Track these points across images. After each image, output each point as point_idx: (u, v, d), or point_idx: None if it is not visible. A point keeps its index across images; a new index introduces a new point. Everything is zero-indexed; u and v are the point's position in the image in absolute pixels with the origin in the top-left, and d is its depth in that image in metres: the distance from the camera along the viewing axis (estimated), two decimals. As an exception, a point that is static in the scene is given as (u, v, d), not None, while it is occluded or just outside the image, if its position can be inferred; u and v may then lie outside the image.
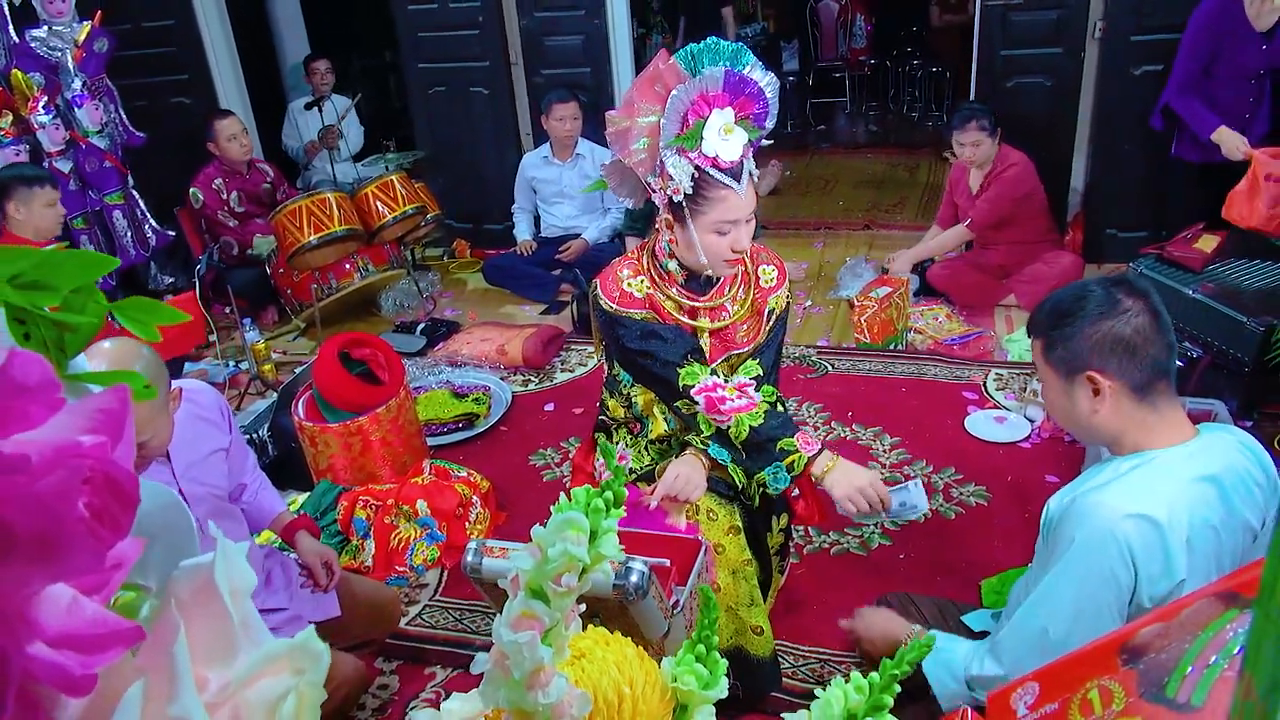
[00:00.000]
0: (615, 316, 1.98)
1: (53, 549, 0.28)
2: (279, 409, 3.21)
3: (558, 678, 0.62)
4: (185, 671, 0.32)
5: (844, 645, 2.28)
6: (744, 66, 1.81)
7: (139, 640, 0.30)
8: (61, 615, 0.29)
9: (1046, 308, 1.52)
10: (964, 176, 4.16)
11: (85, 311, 0.36)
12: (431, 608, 2.56)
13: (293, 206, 4.17)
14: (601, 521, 0.64)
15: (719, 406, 1.90)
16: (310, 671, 0.36)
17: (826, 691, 0.67)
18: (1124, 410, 1.45)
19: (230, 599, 0.35)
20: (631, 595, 1.51)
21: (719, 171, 1.80)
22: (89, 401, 0.31)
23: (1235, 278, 3.16)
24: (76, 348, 0.36)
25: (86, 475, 0.29)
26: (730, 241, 1.87)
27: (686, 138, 1.80)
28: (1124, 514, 1.36)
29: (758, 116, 1.83)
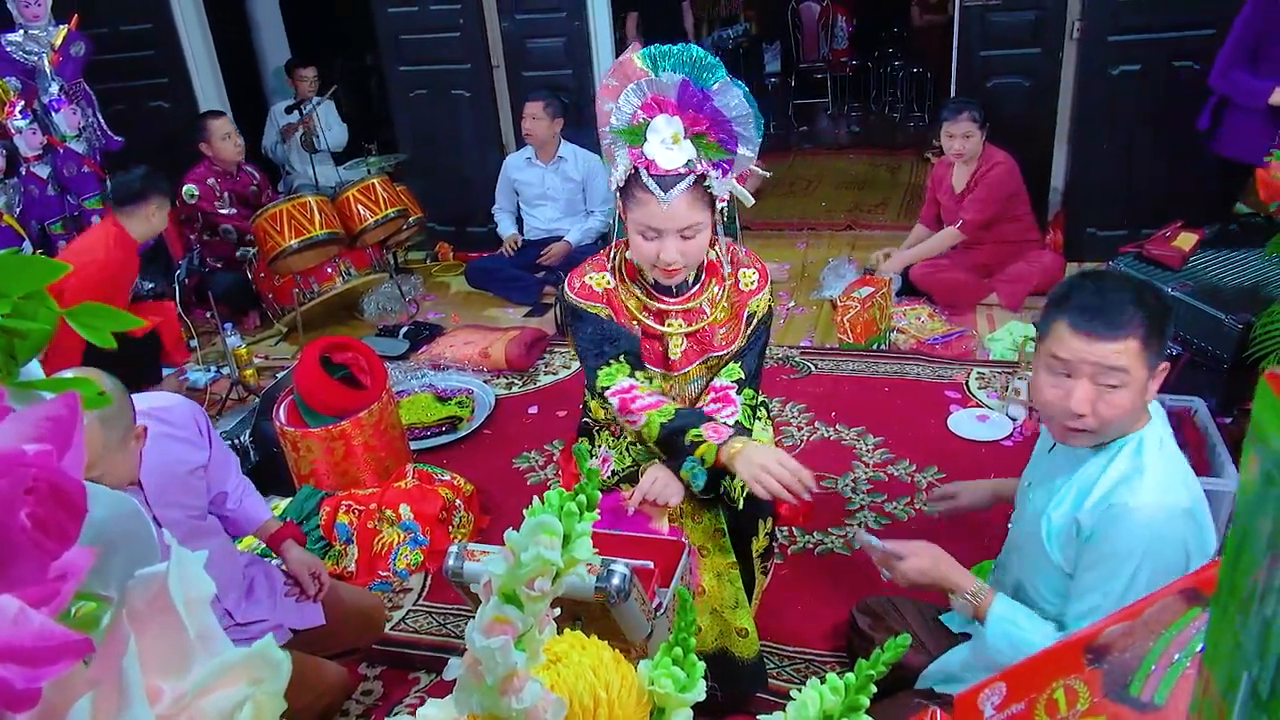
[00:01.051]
0: (573, 307, 2.00)
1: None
2: (261, 414, 3.19)
3: (531, 682, 0.62)
4: (135, 683, 0.31)
5: (828, 645, 2.29)
6: (711, 83, 1.77)
7: (88, 653, 0.30)
8: (7, 628, 0.28)
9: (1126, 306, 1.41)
10: (947, 175, 4.16)
11: (36, 318, 0.35)
12: (415, 613, 2.55)
13: (273, 210, 4.14)
14: (575, 525, 0.64)
15: (630, 406, 1.90)
16: (269, 681, 0.35)
17: (803, 692, 0.67)
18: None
19: (185, 609, 0.34)
20: (614, 598, 1.51)
21: (649, 176, 1.79)
22: (37, 410, 0.31)
23: (1214, 275, 3.19)
24: (27, 354, 0.35)
25: (30, 485, 0.28)
26: (657, 249, 1.84)
27: (630, 133, 1.81)
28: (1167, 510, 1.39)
29: (723, 140, 1.81)
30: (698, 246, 1.87)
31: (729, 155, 1.83)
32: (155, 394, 2.13)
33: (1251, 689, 0.23)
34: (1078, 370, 1.43)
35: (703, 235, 1.87)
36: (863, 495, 2.85)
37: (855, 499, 2.83)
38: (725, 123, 1.79)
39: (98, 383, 0.38)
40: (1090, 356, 1.41)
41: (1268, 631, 0.22)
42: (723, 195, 1.87)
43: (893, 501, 2.81)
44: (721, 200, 1.87)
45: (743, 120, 1.80)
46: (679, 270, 1.89)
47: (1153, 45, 4.05)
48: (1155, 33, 4.03)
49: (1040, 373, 1.50)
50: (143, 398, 2.05)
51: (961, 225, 4.06)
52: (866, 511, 2.77)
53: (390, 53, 5.10)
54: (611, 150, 1.89)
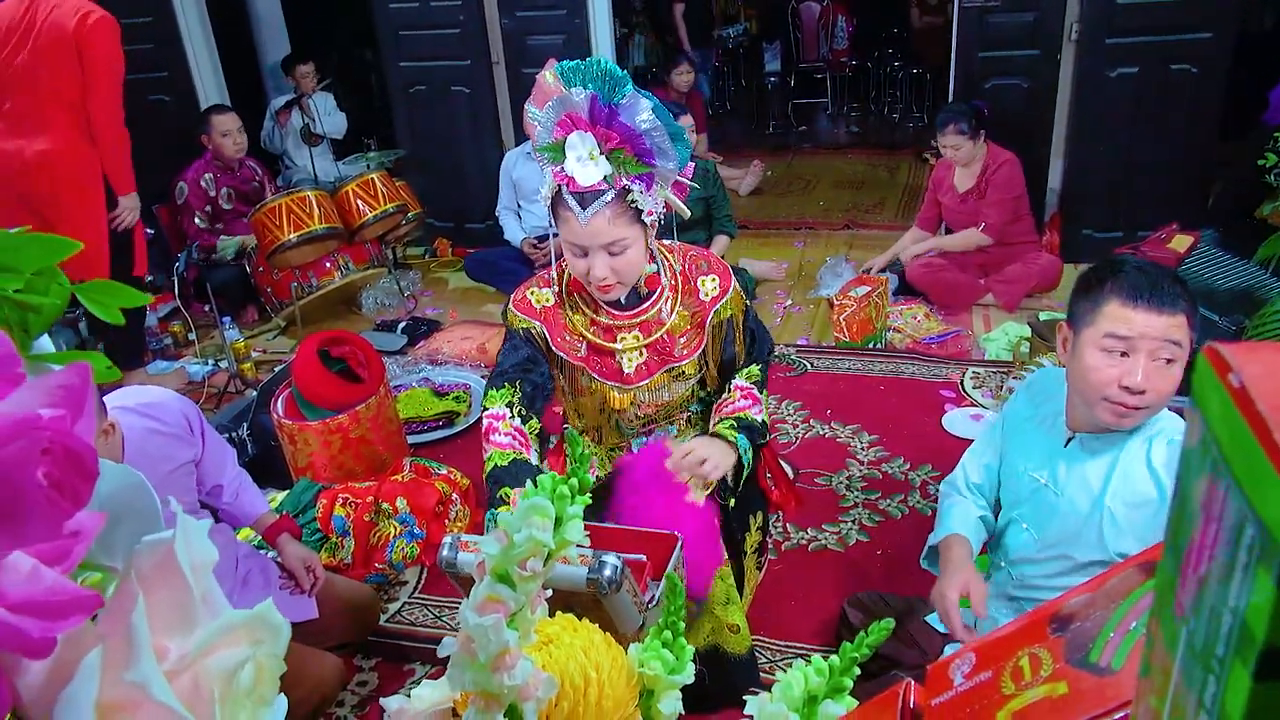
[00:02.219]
0: (507, 323, 2.02)
1: (12, 517, 0.29)
2: (258, 407, 3.21)
3: (523, 660, 0.63)
4: (143, 639, 0.33)
5: (821, 641, 2.31)
6: (619, 98, 1.75)
7: (97, 607, 0.31)
8: (22, 583, 0.30)
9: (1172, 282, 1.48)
10: (948, 176, 4.17)
11: (48, 293, 0.37)
12: (411, 605, 2.56)
13: (272, 204, 4.15)
14: (567, 508, 0.65)
15: (489, 435, 1.92)
16: (268, 643, 0.37)
17: (787, 674, 0.68)
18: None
19: (191, 572, 0.36)
20: (605, 589, 1.52)
21: (568, 193, 1.80)
22: (49, 378, 0.32)
23: (1208, 277, 3.21)
24: (39, 328, 0.37)
25: (45, 446, 0.30)
26: (588, 266, 1.85)
27: (552, 150, 1.81)
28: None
29: (639, 154, 1.79)
30: (629, 263, 1.86)
31: (648, 169, 1.82)
32: (146, 389, 2.14)
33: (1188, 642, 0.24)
34: (1137, 347, 1.45)
35: (633, 251, 1.85)
36: (857, 493, 2.87)
37: (849, 496, 2.85)
38: (636, 137, 1.77)
39: (105, 359, 0.39)
40: (1152, 331, 1.44)
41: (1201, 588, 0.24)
42: (651, 208, 1.85)
43: (886, 499, 2.82)
44: (650, 214, 1.85)
45: (654, 133, 1.77)
46: (613, 287, 1.88)
47: (1150, 48, 4.08)
48: (1152, 36, 4.05)
49: (1092, 355, 1.49)
50: (132, 393, 2.05)
51: (985, 228, 4.05)
52: (860, 509, 2.79)
53: (390, 48, 5.12)
54: (541, 168, 1.90)
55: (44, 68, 3.24)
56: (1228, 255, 3.29)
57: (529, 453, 1.93)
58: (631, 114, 1.75)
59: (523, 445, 1.93)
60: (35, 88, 3.27)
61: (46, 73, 3.24)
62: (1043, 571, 1.68)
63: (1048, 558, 1.66)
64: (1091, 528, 1.56)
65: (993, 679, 0.41)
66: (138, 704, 0.32)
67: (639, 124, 1.76)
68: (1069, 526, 1.60)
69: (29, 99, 3.28)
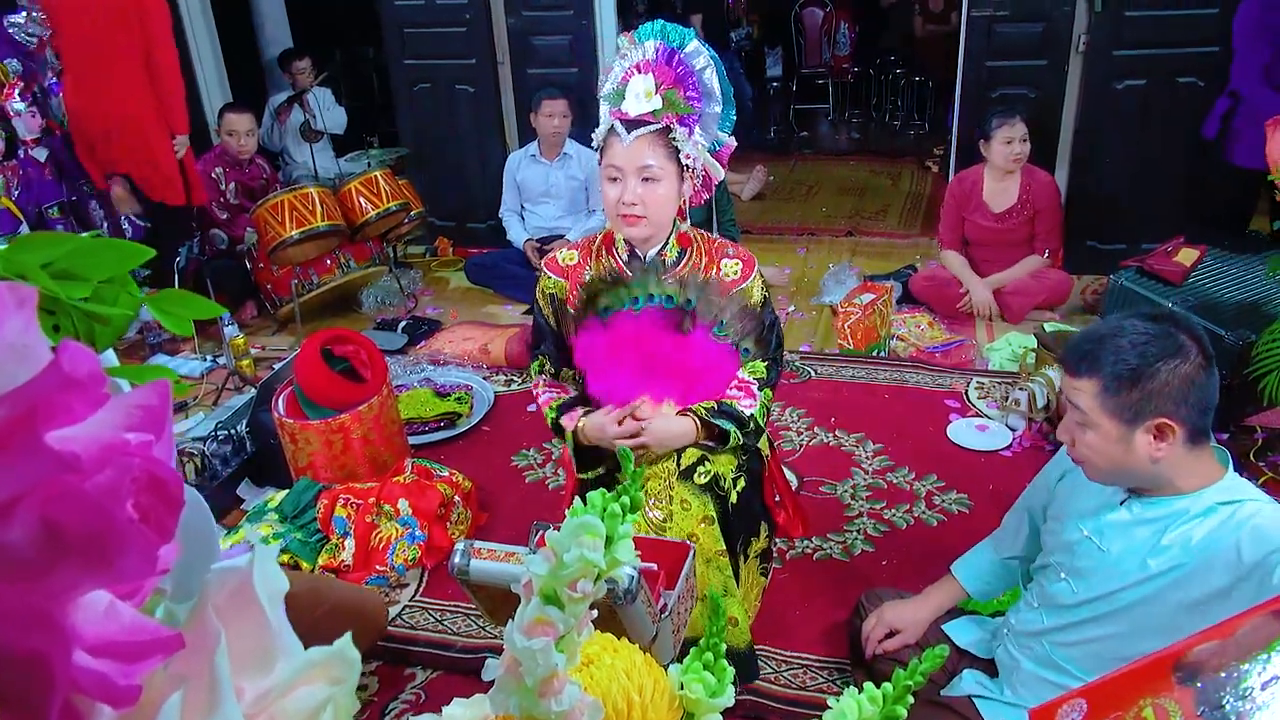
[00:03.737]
0: (539, 283, 2.20)
1: (104, 552, 0.26)
2: (258, 405, 3.17)
3: (570, 685, 0.61)
4: (226, 681, 0.30)
5: (826, 650, 2.28)
6: (678, 44, 1.99)
7: (179, 649, 0.29)
8: (99, 621, 0.28)
9: (1098, 349, 1.42)
10: (974, 192, 4.02)
11: (117, 303, 0.34)
12: (412, 608, 2.53)
13: (274, 200, 4.12)
14: (618, 527, 0.63)
15: (538, 397, 2.20)
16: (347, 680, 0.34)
17: (840, 701, 0.66)
18: (1179, 454, 1.41)
19: (268, 605, 0.33)
20: (621, 599, 1.50)
21: (619, 123, 1.99)
22: (127, 398, 0.30)
23: (1215, 291, 3.20)
24: (107, 341, 0.34)
25: (134, 474, 0.27)
26: (619, 191, 2.00)
27: (614, 94, 2.02)
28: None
29: (689, 96, 2.00)
30: (658, 197, 2.00)
31: (693, 109, 2.01)
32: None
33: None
34: (1065, 404, 1.50)
35: (665, 185, 1.99)
36: (861, 502, 2.85)
37: (854, 505, 2.83)
38: (690, 76, 1.99)
39: (175, 373, 0.37)
40: (1064, 387, 1.49)
41: None
42: (690, 153, 2.01)
43: (891, 509, 2.81)
44: (689, 159, 2.01)
45: (707, 75, 2.00)
46: (640, 220, 2.00)
47: (1157, 61, 4.07)
48: (1160, 48, 4.05)
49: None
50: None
51: (1049, 254, 3.97)
52: (865, 518, 2.77)
53: (395, 46, 5.08)
54: (601, 110, 2.10)
55: (110, 32, 3.81)
56: (1236, 268, 3.28)
57: (569, 391, 2.18)
58: (691, 57, 2.00)
59: (562, 391, 2.18)
60: (100, 51, 3.82)
61: (111, 36, 3.80)
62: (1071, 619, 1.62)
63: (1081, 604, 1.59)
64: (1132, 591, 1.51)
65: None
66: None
67: (696, 65, 1.99)
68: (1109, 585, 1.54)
69: (97, 61, 3.84)
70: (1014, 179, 3.94)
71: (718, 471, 2.04)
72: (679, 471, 2.02)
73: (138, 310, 0.35)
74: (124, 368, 0.34)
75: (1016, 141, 3.82)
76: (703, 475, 2.01)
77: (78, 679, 0.26)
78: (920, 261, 4.71)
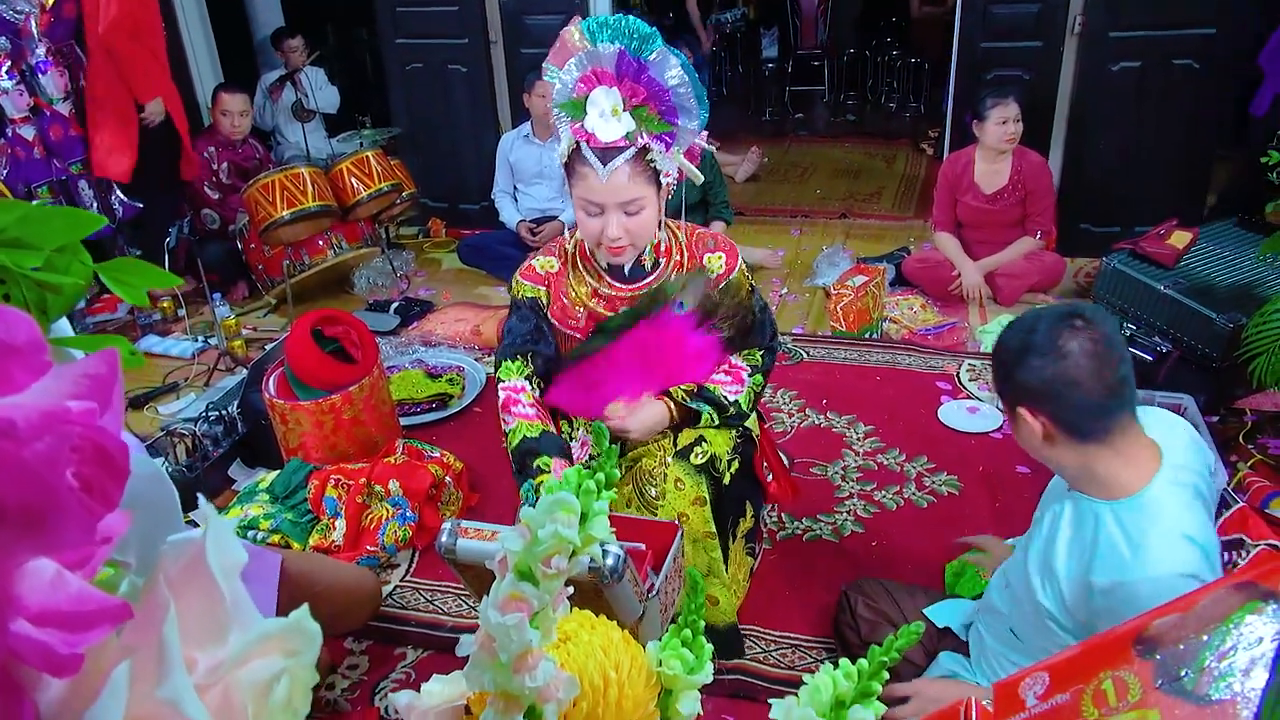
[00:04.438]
0: (513, 293, 2.04)
1: (41, 521, 0.26)
2: (249, 386, 3.16)
3: (545, 661, 0.61)
4: (175, 652, 0.30)
5: (815, 630, 2.30)
6: (648, 53, 1.75)
7: (126, 618, 0.29)
8: (44, 591, 0.27)
9: (1000, 337, 1.49)
10: (966, 173, 4.00)
11: (70, 272, 0.34)
12: (403, 588, 2.54)
13: (265, 180, 4.10)
14: (593, 504, 0.63)
15: (510, 407, 1.94)
16: (304, 653, 0.34)
17: (815, 677, 0.67)
18: (1072, 450, 1.42)
19: (222, 577, 0.33)
20: (607, 578, 1.51)
21: (588, 149, 1.79)
22: (75, 367, 0.30)
23: (1207, 274, 3.20)
24: (59, 310, 0.34)
25: (75, 443, 0.27)
26: (600, 226, 1.84)
27: (571, 106, 1.81)
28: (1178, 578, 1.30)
29: (663, 112, 1.79)
30: (642, 224, 1.87)
31: (670, 127, 1.82)
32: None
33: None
34: None
35: (648, 212, 1.86)
36: (852, 483, 2.85)
37: (844, 487, 2.84)
38: (663, 93, 1.77)
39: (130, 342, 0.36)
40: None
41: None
42: (669, 170, 1.86)
43: (881, 490, 2.81)
44: (668, 176, 1.86)
45: (682, 90, 1.78)
46: (625, 249, 1.89)
47: (1153, 43, 4.05)
48: (1156, 30, 4.03)
49: None
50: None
51: (1041, 235, 3.95)
52: (855, 499, 2.78)
53: (387, 25, 5.05)
54: (557, 127, 1.89)
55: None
56: (1227, 252, 3.29)
57: (553, 426, 1.96)
58: (661, 70, 1.75)
59: (545, 418, 1.95)
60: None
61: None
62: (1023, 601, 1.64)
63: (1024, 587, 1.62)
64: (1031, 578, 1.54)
65: (1072, 702, 0.39)
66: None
67: (668, 80, 1.76)
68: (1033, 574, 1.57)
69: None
70: (1005, 160, 3.92)
71: (714, 452, 2.02)
72: (675, 451, 2.01)
73: (89, 279, 0.35)
74: (75, 338, 0.34)
75: (1010, 122, 3.80)
76: (699, 456, 1.99)
77: (16, 647, 0.26)
78: (914, 244, 4.71)
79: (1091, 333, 1.37)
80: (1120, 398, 1.38)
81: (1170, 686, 0.35)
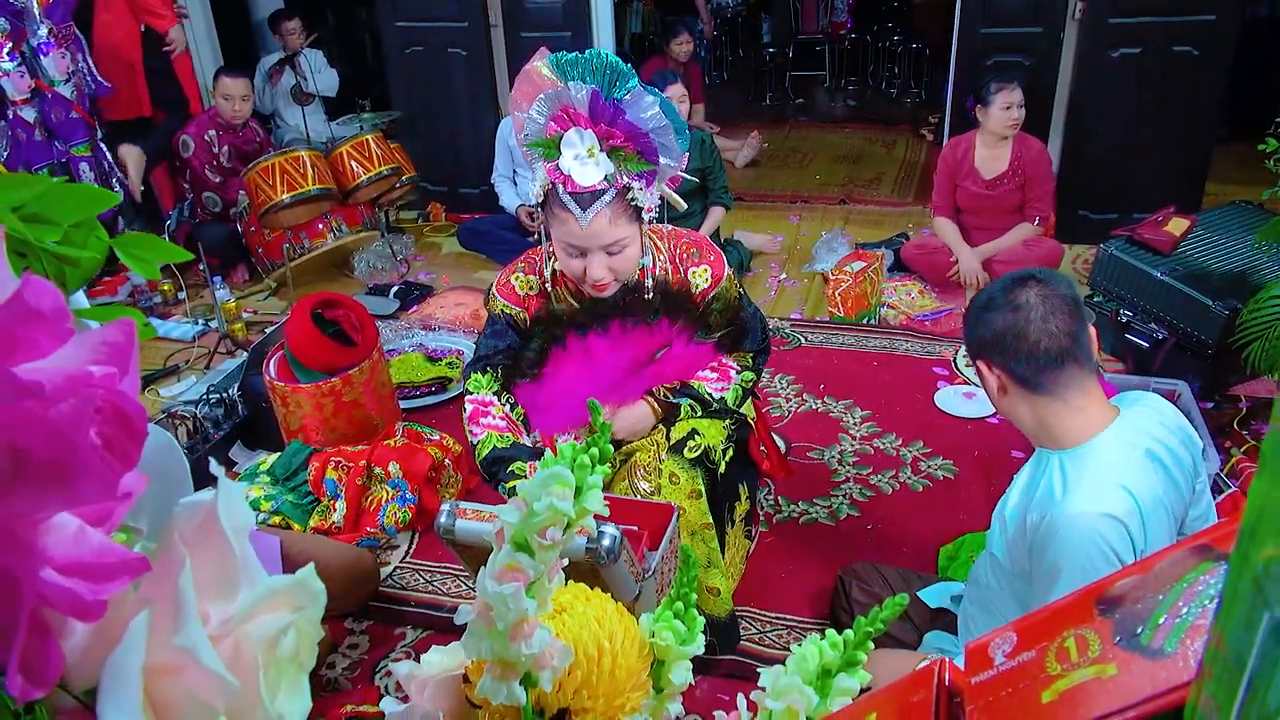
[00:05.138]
0: (489, 308, 2.00)
1: (65, 476, 0.28)
2: (249, 368, 3.18)
3: (541, 629, 0.63)
4: (190, 603, 0.32)
5: (811, 612, 2.32)
6: (623, 94, 1.67)
7: (145, 570, 0.31)
8: (69, 544, 0.29)
9: (970, 300, 1.57)
10: (966, 159, 4.00)
11: (87, 246, 0.36)
12: (403, 570, 2.57)
13: (266, 164, 4.10)
14: (587, 477, 0.65)
15: (478, 419, 1.92)
16: (309, 609, 0.36)
17: (802, 647, 0.69)
18: (1024, 401, 1.47)
19: (233, 536, 0.35)
20: (604, 558, 1.53)
21: (565, 193, 1.72)
22: (94, 334, 0.31)
23: (1203, 261, 3.21)
24: (77, 283, 0.36)
25: (97, 405, 0.29)
26: (584, 266, 1.80)
27: (544, 145, 1.73)
28: (1097, 516, 1.36)
29: (642, 152, 1.72)
30: (627, 260, 1.83)
31: (651, 166, 1.75)
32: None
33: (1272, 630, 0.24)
34: None
35: (632, 249, 1.83)
36: (849, 468, 2.88)
37: (841, 471, 2.86)
38: (642, 135, 1.70)
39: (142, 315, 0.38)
40: None
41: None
42: (651, 205, 1.80)
43: (878, 474, 2.84)
44: (650, 211, 1.81)
45: (661, 131, 1.70)
46: (609, 285, 1.86)
47: (1153, 29, 4.06)
48: (1156, 16, 4.03)
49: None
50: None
51: (1040, 221, 3.95)
52: (852, 483, 2.80)
53: (387, 8, 5.04)
54: (530, 163, 1.83)
55: None
56: (1224, 239, 3.29)
57: (523, 437, 1.94)
58: (638, 111, 1.68)
59: (515, 430, 1.94)
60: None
61: None
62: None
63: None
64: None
65: (1037, 658, 0.41)
66: (184, 669, 0.31)
67: (645, 122, 1.69)
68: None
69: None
70: (1006, 146, 3.92)
71: (708, 444, 2.02)
72: (669, 445, 2.00)
73: (105, 253, 0.37)
74: (92, 309, 0.36)
75: (1014, 107, 3.80)
76: (693, 450, 1.98)
77: (45, 593, 0.28)
78: (913, 229, 4.72)
79: (1043, 289, 1.44)
80: (1070, 354, 1.42)
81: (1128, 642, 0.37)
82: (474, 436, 1.94)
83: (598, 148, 1.71)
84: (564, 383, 1.91)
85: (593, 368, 1.91)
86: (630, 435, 2.01)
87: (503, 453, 1.88)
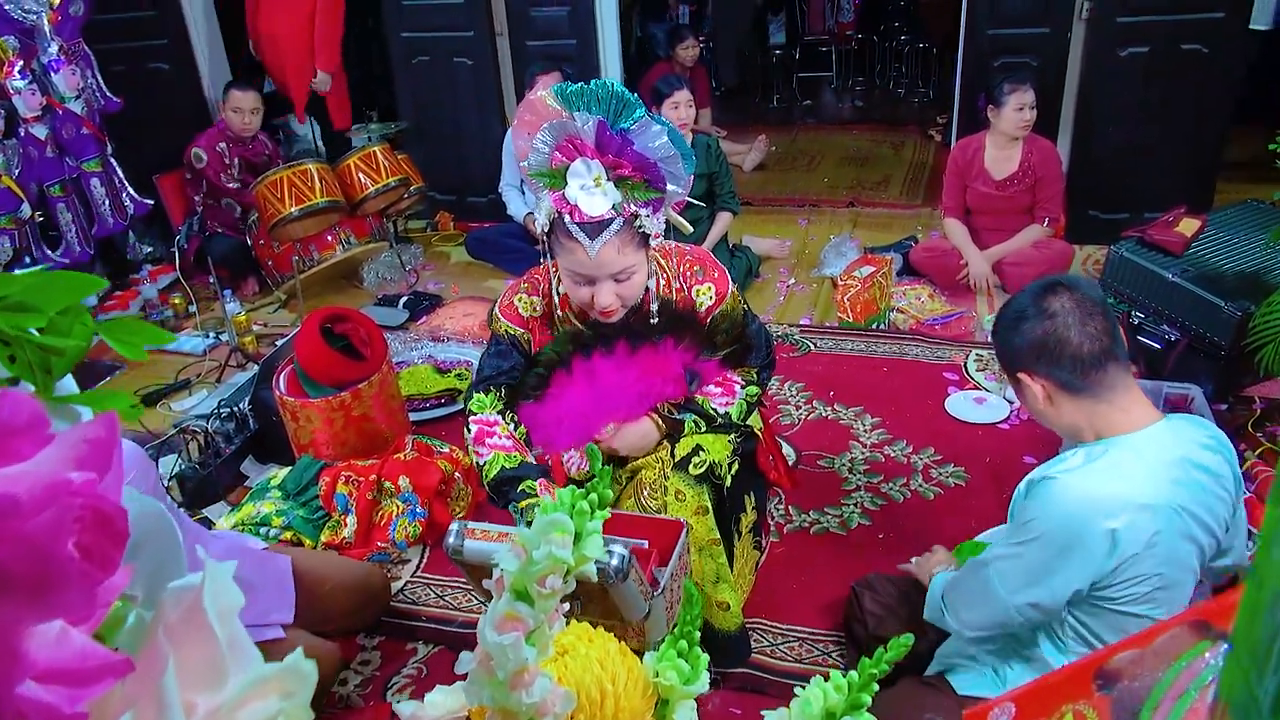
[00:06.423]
0: (493, 327, 2.00)
1: (44, 590, 0.28)
2: (260, 382, 3.20)
3: (541, 677, 0.63)
4: (174, 702, 0.32)
5: (823, 624, 2.31)
6: (629, 123, 1.67)
7: (128, 673, 0.30)
8: (50, 647, 0.29)
9: (996, 317, 1.62)
10: (976, 160, 3.98)
11: (72, 334, 0.36)
12: (414, 584, 2.57)
13: (274, 177, 4.12)
14: (586, 523, 0.64)
15: (484, 439, 1.93)
16: (299, 694, 0.36)
17: (806, 690, 0.68)
18: (1071, 406, 1.50)
19: (218, 621, 0.35)
20: (612, 577, 1.52)
21: (573, 223, 1.72)
22: (76, 432, 0.31)
23: (1215, 261, 3.19)
24: (62, 370, 0.36)
25: (77, 514, 0.29)
26: (591, 294, 1.80)
27: (550, 176, 1.73)
28: (1094, 499, 1.40)
29: (650, 181, 1.72)
30: (635, 286, 1.83)
31: (658, 194, 1.75)
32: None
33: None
34: None
35: (639, 275, 1.82)
36: (859, 475, 2.87)
37: (851, 479, 2.85)
38: (651, 165, 1.70)
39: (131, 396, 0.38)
40: None
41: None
42: (658, 230, 1.80)
43: (888, 482, 2.82)
44: (657, 236, 1.81)
45: (669, 160, 1.70)
46: (617, 311, 1.85)
47: (1161, 28, 4.03)
48: (1163, 15, 4.00)
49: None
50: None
51: (1050, 222, 3.92)
52: (862, 492, 2.79)
53: (393, 18, 5.05)
54: (535, 193, 1.83)
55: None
56: (1236, 239, 3.26)
57: (529, 456, 1.95)
58: (646, 141, 1.68)
59: (522, 449, 1.94)
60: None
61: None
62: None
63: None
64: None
65: (1035, 734, 0.40)
66: (170, 768, 0.31)
67: (654, 152, 1.69)
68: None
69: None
70: (1016, 146, 3.90)
71: (714, 460, 2.00)
72: (675, 462, 2.00)
73: (90, 340, 0.37)
74: (81, 395, 0.36)
75: (1027, 108, 3.79)
76: (698, 466, 1.97)
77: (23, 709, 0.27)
78: (922, 232, 4.70)
79: (1073, 293, 1.49)
80: (1110, 353, 1.46)
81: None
82: (480, 457, 1.94)
83: (605, 177, 1.71)
84: (568, 400, 1.91)
85: (596, 386, 1.90)
86: (635, 452, 2.01)
87: (511, 473, 1.89)
